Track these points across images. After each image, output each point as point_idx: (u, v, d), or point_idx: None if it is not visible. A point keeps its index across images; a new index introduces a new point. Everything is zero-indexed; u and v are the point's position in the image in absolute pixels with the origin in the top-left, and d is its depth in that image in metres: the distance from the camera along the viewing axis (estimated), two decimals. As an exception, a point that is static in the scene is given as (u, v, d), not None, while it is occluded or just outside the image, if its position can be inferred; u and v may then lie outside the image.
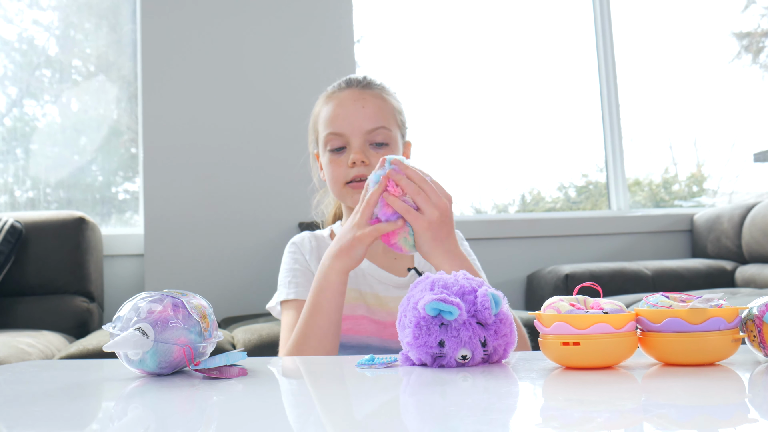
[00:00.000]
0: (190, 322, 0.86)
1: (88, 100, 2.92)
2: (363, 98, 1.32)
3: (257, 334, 1.81)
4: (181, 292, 0.91)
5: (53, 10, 2.92)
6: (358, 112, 1.30)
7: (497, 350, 0.84)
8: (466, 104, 3.55)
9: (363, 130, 1.30)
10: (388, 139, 1.31)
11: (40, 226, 2.47)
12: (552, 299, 0.81)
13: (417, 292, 0.88)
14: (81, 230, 2.52)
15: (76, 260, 2.49)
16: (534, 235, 3.26)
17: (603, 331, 0.74)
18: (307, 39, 2.97)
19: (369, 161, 1.28)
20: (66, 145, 2.91)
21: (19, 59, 2.88)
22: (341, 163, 1.30)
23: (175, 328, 0.84)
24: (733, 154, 3.94)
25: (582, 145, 3.71)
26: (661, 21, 3.87)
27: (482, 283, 0.88)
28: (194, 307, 0.88)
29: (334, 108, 1.32)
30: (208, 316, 0.90)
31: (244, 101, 2.90)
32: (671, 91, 3.85)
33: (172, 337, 0.84)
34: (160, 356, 0.83)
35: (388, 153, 1.31)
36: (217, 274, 2.79)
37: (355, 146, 1.29)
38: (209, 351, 0.91)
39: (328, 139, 1.32)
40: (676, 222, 3.45)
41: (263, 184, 2.86)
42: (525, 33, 3.67)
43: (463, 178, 3.55)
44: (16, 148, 2.88)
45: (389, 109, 1.34)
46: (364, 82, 1.36)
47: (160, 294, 0.87)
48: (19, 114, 2.91)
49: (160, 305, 0.85)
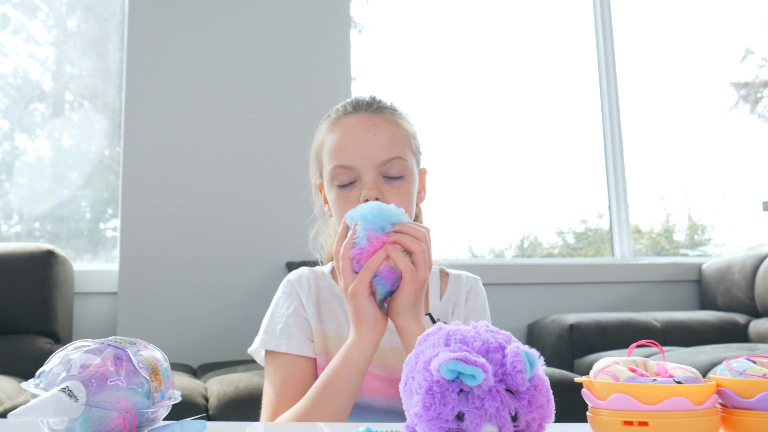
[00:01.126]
0: (135, 380, 0.67)
1: (78, 134, 2.83)
2: (374, 125, 1.13)
3: (233, 386, 1.60)
4: (130, 340, 0.73)
5: (50, 46, 2.87)
6: (369, 141, 1.11)
7: (531, 426, 0.65)
8: (462, 144, 3.42)
9: (376, 162, 1.10)
10: (404, 171, 1.13)
11: (4, 258, 2.27)
12: (605, 362, 0.62)
13: (428, 348, 0.70)
14: (49, 264, 2.32)
15: (41, 297, 2.28)
16: (535, 281, 3.09)
17: (678, 407, 0.56)
18: (298, 69, 2.83)
19: (383, 197, 1.10)
20: (55, 180, 2.79)
21: (13, 93, 2.79)
22: (351, 200, 1.11)
23: (115, 387, 0.65)
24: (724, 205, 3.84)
25: (581, 191, 3.59)
26: (662, 67, 3.81)
27: (510, 338, 0.69)
28: (144, 360, 0.70)
29: (341, 137, 1.13)
30: (161, 371, 0.71)
31: (229, 134, 2.74)
32: (668, 139, 3.76)
33: (111, 400, 0.65)
34: (94, 425, 0.64)
35: (404, 186, 1.13)
36: (195, 315, 2.59)
37: (367, 181, 1.10)
38: (161, 417, 0.72)
39: (335, 173, 1.12)
40: (683, 271, 3.29)
41: (248, 220, 2.68)
42: (525, 71, 3.56)
43: (458, 221, 3.40)
44: (5, 181, 2.77)
45: (403, 136, 1.16)
46: (374, 105, 1.17)
47: (99, 343, 0.69)
48: (10, 147, 2.81)
49: (97, 357, 0.66)
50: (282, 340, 1.12)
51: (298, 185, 1.51)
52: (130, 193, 2.59)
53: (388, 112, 1.17)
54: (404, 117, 1.20)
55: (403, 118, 1.19)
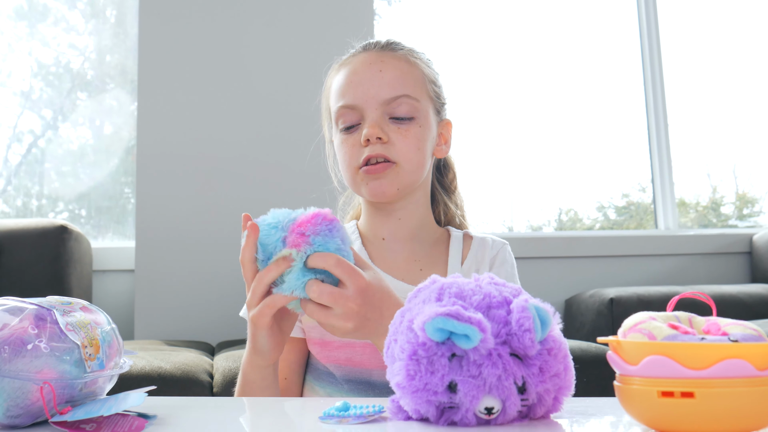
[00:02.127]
0: (62, 345, 0.55)
1: (119, 121, 2.87)
2: (381, 61, 1.02)
3: (239, 363, 1.49)
4: (67, 300, 0.61)
5: (89, 35, 2.94)
6: (374, 77, 1.00)
7: (544, 399, 0.52)
8: (499, 117, 3.27)
9: (379, 100, 0.98)
10: (414, 111, 0.99)
11: (16, 234, 2.21)
12: (637, 317, 0.48)
13: (416, 304, 0.56)
14: (62, 240, 2.24)
15: (55, 273, 2.21)
16: (573, 255, 2.94)
17: (735, 372, 0.42)
18: (313, 42, 2.71)
19: (387, 138, 0.97)
20: (97, 166, 2.86)
21: (56, 83, 2.85)
22: (355, 142, 0.99)
23: (34, 353, 0.54)
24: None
25: (622, 163, 3.42)
26: (710, 34, 3.61)
27: (519, 290, 0.56)
28: (75, 322, 0.58)
29: (346, 76, 1.02)
30: (100, 336, 0.59)
31: (247, 108, 2.64)
32: (714, 111, 3.55)
33: (29, 369, 0.53)
34: (9, 398, 0.53)
35: (413, 129, 0.99)
36: (213, 294, 2.50)
37: (369, 119, 0.98)
38: (103, 389, 0.61)
39: (339, 114, 1.01)
40: (732, 243, 3.10)
41: (267, 198, 2.58)
42: (564, 38, 3.39)
43: (494, 196, 3.26)
44: (50, 170, 2.80)
45: (417, 77, 1.03)
46: (387, 46, 1.05)
47: (20, 301, 0.57)
48: (54, 136, 2.86)
49: (15, 318, 0.55)
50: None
51: (316, 165, 1.39)
52: (145, 170, 2.51)
53: (401, 51, 1.04)
54: (423, 59, 1.07)
55: (420, 60, 1.06)
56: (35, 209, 2.80)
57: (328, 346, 0.96)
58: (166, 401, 0.65)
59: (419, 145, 0.99)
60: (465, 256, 1.07)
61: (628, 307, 2.53)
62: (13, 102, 2.80)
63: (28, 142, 2.82)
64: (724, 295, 2.68)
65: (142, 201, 2.51)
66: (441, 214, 1.15)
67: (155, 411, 0.59)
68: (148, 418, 0.57)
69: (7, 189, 2.75)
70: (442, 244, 1.08)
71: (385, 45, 1.05)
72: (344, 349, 0.96)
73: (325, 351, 0.96)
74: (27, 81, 2.85)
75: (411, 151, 0.97)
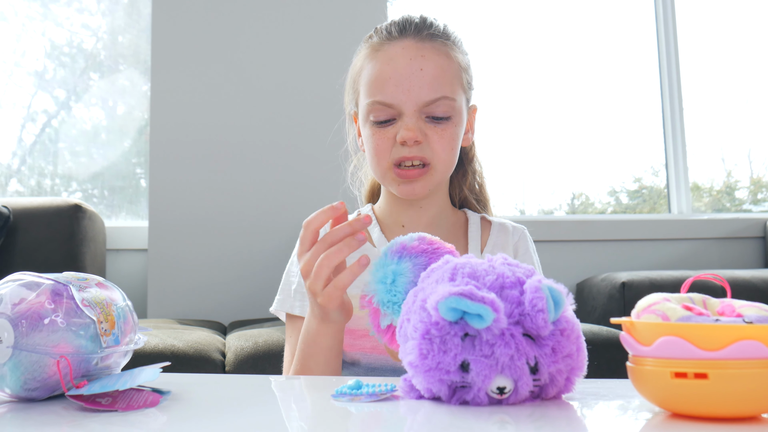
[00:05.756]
0: (77, 320, 0.56)
1: (131, 102, 2.87)
2: (421, 56, 0.99)
3: (252, 341, 1.50)
4: (83, 276, 0.62)
5: (102, 15, 2.93)
6: (414, 76, 0.97)
7: (556, 379, 0.52)
8: (511, 99, 3.24)
9: (420, 102, 0.96)
10: (451, 111, 0.98)
11: (30, 213, 2.22)
12: (651, 298, 0.48)
13: (429, 284, 0.57)
14: (76, 219, 2.25)
15: (69, 252, 2.22)
16: (585, 238, 2.92)
17: (749, 354, 0.42)
18: (328, 25, 2.69)
19: (425, 139, 0.96)
20: (110, 146, 2.87)
21: (69, 63, 2.85)
22: (388, 137, 0.98)
23: (51, 328, 0.54)
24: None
25: (634, 148, 3.38)
26: (726, 16, 3.54)
27: (532, 271, 0.56)
28: (91, 298, 0.58)
29: (382, 67, 0.99)
30: (115, 312, 0.60)
31: (261, 90, 2.63)
32: (729, 95, 3.50)
33: (45, 343, 0.54)
34: (26, 371, 0.54)
35: (449, 129, 0.98)
36: (226, 273, 2.51)
37: (408, 121, 0.96)
38: (119, 365, 0.61)
39: (372, 108, 0.99)
40: (746, 227, 3.08)
41: (280, 181, 2.58)
42: (578, 20, 3.35)
43: (506, 179, 3.24)
44: (64, 150, 2.81)
45: (454, 71, 1.01)
46: (425, 31, 1.02)
47: (38, 276, 0.58)
48: (67, 116, 2.86)
49: (32, 293, 0.55)
50: (296, 301, 1.03)
51: (330, 147, 1.39)
52: (158, 150, 2.51)
53: (439, 40, 1.01)
54: (457, 45, 1.05)
55: (455, 48, 1.04)
56: (49, 189, 2.81)
57: (354, 334, 0.97)
58: (180, 377, 0.66)
59: (453, 145, 0.99)
60: (485, 242, 1.06)
61: (640, 291, 2.52)
62: (27, 82, 2.80)
63: (42, 122, 2.83)
64: (738, 279, 2.66)
65: (155, 181, 2.52)
66: (457, 189, 1.13)
67: (169, 387, 0.60)
68: (163, 394, 0.57)
69: (21, 169, 2.76)
70: (459, 229, 1.07)
71: (425, 34, 1.01)
72: (370, 338, 0.97)
73: (350, 339, 0.97)
74: (41, 61, 2.85)
75: (445, 151, 0.96)
